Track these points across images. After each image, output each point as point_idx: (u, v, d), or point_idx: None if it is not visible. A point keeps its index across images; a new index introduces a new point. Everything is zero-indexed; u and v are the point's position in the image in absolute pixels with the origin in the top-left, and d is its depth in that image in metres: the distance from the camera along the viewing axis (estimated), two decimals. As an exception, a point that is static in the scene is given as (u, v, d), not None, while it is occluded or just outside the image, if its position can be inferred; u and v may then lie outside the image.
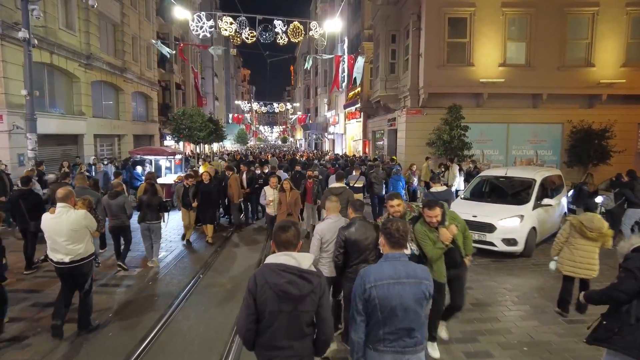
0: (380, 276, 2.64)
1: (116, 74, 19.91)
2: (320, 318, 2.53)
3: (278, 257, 2.51)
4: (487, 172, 10.07)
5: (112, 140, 20.56)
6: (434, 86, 15.86)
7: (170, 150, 13.52)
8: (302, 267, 2.47)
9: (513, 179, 9.06)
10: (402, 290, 2.60)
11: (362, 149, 27.08)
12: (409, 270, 2.67)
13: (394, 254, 2.74)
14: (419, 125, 16.62)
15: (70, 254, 4.79)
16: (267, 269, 2.48)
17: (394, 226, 2.75)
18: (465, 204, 8.53)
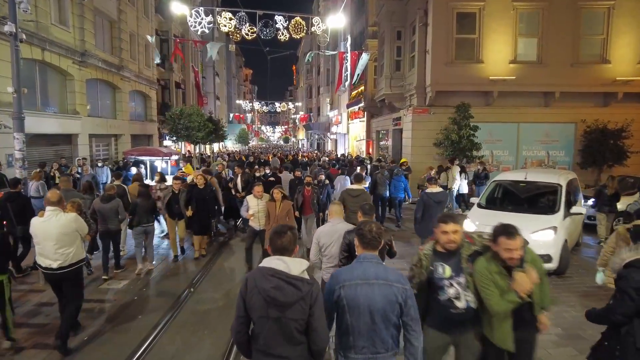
0: (349, 276, 2.59)
1: (113, 72, 19.34)
2: (312, 328, 2.42)
3: (270, 261, 2.48)
4: (502, 175, 8.96)
5: (108, 140, 19.99)
6: (442, 84, 15.21)
7: (165, 151, 12.93)
8: (291, 272, 2.41)
9: (535, 184, 8.00)
10: (370, 292, 2.52)
11: (366, 149, 26.44)
12: (379, 271, 2.60)
13: (366, 255, 2.68)
14: (425, 125, 15.97)
15: (59, 259, 4.62)
16: (259, 272, 2.46)
17: (367, 227, 2.73)
18: (485, 214, 7.44)
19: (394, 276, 2.61)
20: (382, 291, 2.53)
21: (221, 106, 55.06)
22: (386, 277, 2.58)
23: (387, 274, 2.61)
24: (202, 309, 5.84)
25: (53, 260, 4.62)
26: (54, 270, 4.65)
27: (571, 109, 15.62)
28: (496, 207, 7.92)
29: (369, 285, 2.54)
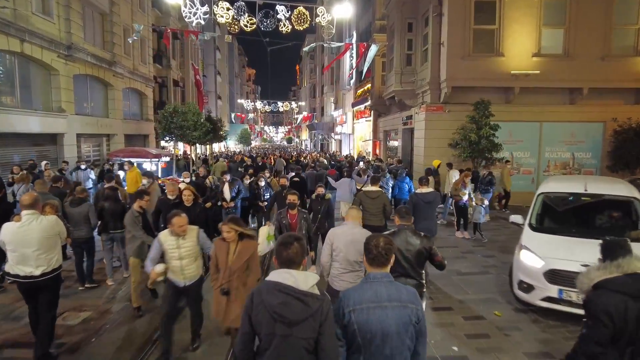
0: (360, 299, 2.42)
1: (104, 68, 18.15)
2: (321, 347, 2.26)
3: (277, 274, 2.32)
4: (549, 185, 7.06)
5: (99, 140, 18.80)
6: (458, 79, 13.89)
7: (155, 152, 11.72)
8: (300, 287, 2.25)
9: (602, 197, 6.22)
10: (384, 315, 2.36)
11: (372, 150, 25.13)
12: (392, 292, 2.43)
13: (375, 275, 2.50)
14: (440, 124, 14.66)
15: (42, 265, 4.39)
16: (265, 286, 2.31)
17: (374, 241, 2.55)
18: (549, 242, 5.67)
19: (407, 296, 2.46)
20: (396, 314, 2.37)
21: (223, 106, 53.91)
22: (399, 298, 2.42)
23: (400, 294, 2.44)
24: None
25: (35, 267, 4.36)
26: (35, 277, 4.37)
27: (600, 107, 14.26)
28: (557, 230, 6.08)
29: (381, 309, 2.37)
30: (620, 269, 2.58)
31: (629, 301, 2.46)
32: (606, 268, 2.62)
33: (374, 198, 6.84)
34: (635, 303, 2.46)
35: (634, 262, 2.60)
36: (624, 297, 2.47)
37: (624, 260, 2.61)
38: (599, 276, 2.62)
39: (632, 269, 2.57)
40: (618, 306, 2.46)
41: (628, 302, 2.46)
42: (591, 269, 2.71)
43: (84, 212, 6.50)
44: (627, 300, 2.46)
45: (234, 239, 4.12)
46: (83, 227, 6.53)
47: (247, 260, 4.12)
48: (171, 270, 4.34)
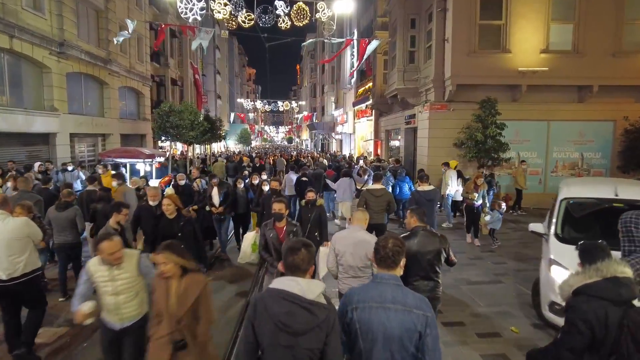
0: (364, 297, 2.36)
1: (99, 66, 17.69)
2: (327, 358, 2.18)
3: (283, 282, 2.24)
4: (572, 189, 6.16)
5: (94, 140, 18.34)
6: (463, 76, 13.41)
7: (148, 152, 11.25)
8: (306, 296, 2.16)
9: (636, 204, 5.10)
10: (385, 317, 2.28)
11: (374, 149, 24.65)
12: (398, 295, 2.33)
13: (383, 275, 2.42)
14: (444, 123, 14.18)
15: (9, 268, 4.19)
16: (269, 294, 2.22)
17: (382, 242, 2.46)
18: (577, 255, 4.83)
19: (414, 301, 2.33)
20: (399, 317, 2.26)
21: (223, 105, 53.46)
22: (404, 301, 2.30)
23: (405, 298, 2.33)
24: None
25: (3, 270, 4.20)
26: (3, 282, 4.20)
27: (610, 105, 13.77)
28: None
29: (384, 310, 2.29)
30: (600, 273, 2.43)
31: (610, 307, 2.32)
32: (585, 273, 2.48)
33: (378, 196, 6.86)
34: (617, 308, 2.32)
35: (613, 266, 2.43)
36: (604, 302, 2.34)
37: (603, 264, 2.45)
38: (578, 281, 2.49)
39: (611, 273, 2.41)
40: (598, 313, 2.33)
41: (609, 308, 2.32)
42: (571, 275, 2.58)
43: (70, 216, 6.13)
44: (607, 306, 2.32)
45: (174, 274, 2.99)
46: (69, 232, 6.16)
47: (193, 304, 2.98)
48: (104, 309, 3.35)
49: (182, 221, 5.11)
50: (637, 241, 2.95)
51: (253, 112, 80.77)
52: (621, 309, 2.32)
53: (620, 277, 2.40)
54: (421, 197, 6.87)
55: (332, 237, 4.24)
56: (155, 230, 5.10)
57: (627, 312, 2.30)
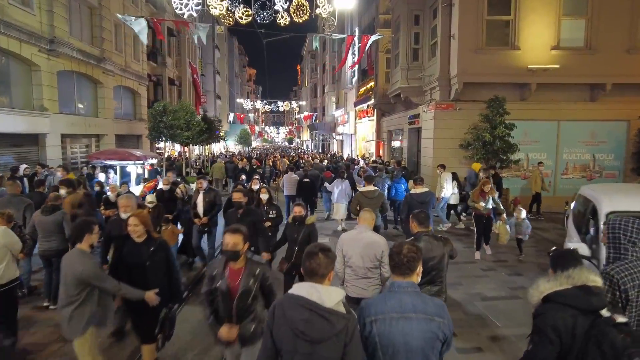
0: (382, 309, 2.27)
1: (92, 65, 17.11)
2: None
3: (302, 288, 2.20)
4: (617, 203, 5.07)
5: (88, 141, 17.76)
6: (470, 74, 12.82)
7: (138, 154, 10.66)
8: (324, 304, 2.11)
9: None
10: (408, 327, 2.21)
11: (375, 151, 24.07)
12: (418, 303, 2.27)
13: (400, 283, 2.35)
14: (450, 123, 13.59)
15: None
16: (287, 300, 2.19)
17: (396, 248, 2.41)
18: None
19: (434, 308, 2.28)
20: (421, 327, 2.21)
21: (222, 106, 52.91)
22: (425, 309, 2.25)
23: (426, 305, 2.27)
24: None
25: None
26: None
27: (624, 104, 13.17)
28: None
29: (406, 320, 2.22)
30: (571, 280, 2.33)
31: (579, 316, 2.25)
32: (557, 279, 2.37)
33: (371, 198, 6.91)
34: (585, 318, 2.24)
35: (584, 273, 2.34)
36: (573, 311, 2.26)
37: (575, 271, 2.35)
38: (548, 288, 2.38)
39: (582, 281, 2.32)
40: (567, 321, 2.26)
41: (577, 317, 2.25)
42: (541, 281, 2.47)
43: (57, 220, 5.74)
44: (576, 315, 2.25)
45: None
46: (55, 237, 5.75)
47: None
48: None
49: (153, 246, 3.85)
50: (622, 249, 2.78)
51: (254, 113, 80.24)
52: (590, 318, 2.23)
53: (591, 285, 2.30)
54: (414, 199, 6.86)
55: (339, 239, 4.13)
56: (119, 257, 3.91)
57: (596, 321, 2.21)
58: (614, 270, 2.65)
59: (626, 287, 2.59)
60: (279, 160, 23.93)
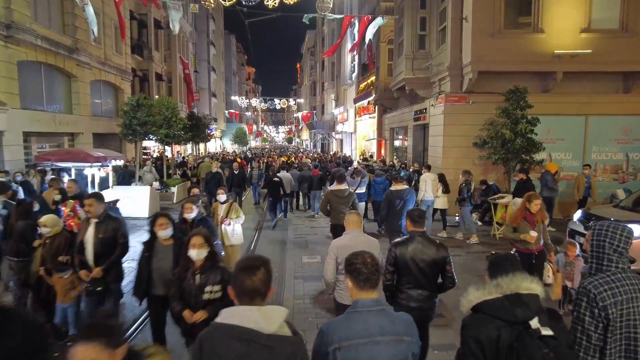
0: (347, 334, 2.04)
1: (63, 55, 15.44)
2: None
3: (234, 313, 1.80)
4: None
5: (59, 140, 16.08)
6: (486, 62, 11.13)
7: (97, 155, 8.99)
8: (264, 330, 1.74)
9: None
10: (376, 353, 2.03)
11: (377, 150, 22.35)
12: (385, 324, 2.09)
13: (365, 302, 2.13)
14: (462, 118, 11.90)
15: None
16: (218, 331, 1.80)
17: (360, 259, 2.20)
18: None
19: (402, 327, 2.14)
20: (390, 351, 2.06)
21: (218, 104, 51.24)
22: (394, 330, 2.10)
23: (394, 325, 2.11)
24: None
25: None
26: None
27: (663, 96, 11.49)
28: None
29: (374, 345, 2.04)
30: (500, 289, 2.12)
31: (504, 328, 2.02)
32: (485, 288, 2.16)
33: (341, 197, 6.86)
34: (510, 330, 2.01)
35: (515, 281, 2.11)
36: (498, 322, 2.04)
37: (505, 279, 2.13)
38: (477, 297, 2.16)
39: (512, 289, 2.10)
40: (490, 333, 2.05)
41: (502, 329, 2.02)
42: (470, 289, 2.22)
43: None
44: (501, 327, 2.03)
45: None
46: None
47: None
48: None
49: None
50: (606, 259, 2.37)
51: (253, 112, 78.50)
52: (516, 329, 2.01)
53: (523, 294, 2.09)
54: (394, 196, 6.78)
55: (333, 246, 3.91)
56: None
57: (521, 334, 1.99)
58: (591, 283, 2.31)
59: (605, 304, 2.22)
60: (276, 160, 22.46)
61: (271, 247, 9.23)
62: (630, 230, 2.36)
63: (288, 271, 7.45)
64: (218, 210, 6.09)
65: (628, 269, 2.32)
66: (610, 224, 2.42)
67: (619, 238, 2.33)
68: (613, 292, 2.23)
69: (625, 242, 2.33)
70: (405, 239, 3.69)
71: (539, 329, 1.99)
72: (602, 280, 2.29)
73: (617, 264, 2.32)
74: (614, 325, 2.21)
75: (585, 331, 2.22)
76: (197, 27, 42.86)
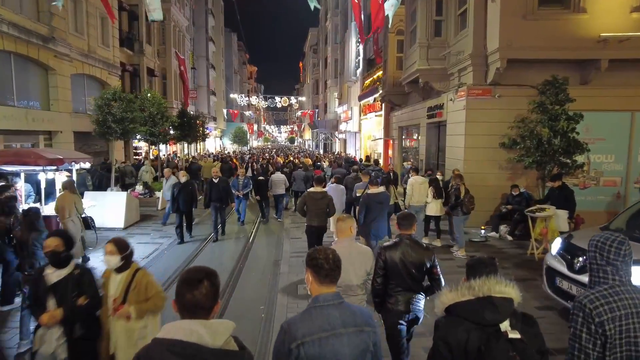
0: (310, 329, 1.99)
1: (37, 45, 13.88)
2: None
3: (176, 329, 1.61)
4: None
5: (33, 139, 14.51)
6: (517, 48, 9.47)
7: (50, 157, 7.42)
8: (210, 345, 1.58)
9: None
10: (339, 346, 1.99)
11: (384, 151, 20.70)
12: (346, 316, 2.06)
13: (325, 297, 2.08)
14: (487, 114, 10.25)
15: None
16: (157, 347, 1.60)
17: (322, 255, 2.14)
18: None
19: (362, 317, 2.11)
20: (352, 341, 2.03)
21: (218, 102, 49.70)
22: (355, 321, 2.07)
23: (354, 317, 2.09)
24: None
25: None
26: None
27: None
28: None
29: (336, 337, 2.00)
30: (472, 291, 2.04)
31: (473, 331, 1.96)
32: (458, 290, 2.11)
33: (318, 199, 6.83)
34: (480, 333, 1.94)
35: (488, 284, 2.03)
36: (468, 325, 1.98)
37: (478, 282, 2.05)
38: (450, 299, 2.11)
39: (484, 292, 2.01)
40: (459, 336, 1.99)
41: (471, 332, 1.96)
42: (444, 291, 2.19)
43: None
44: (470, 330, 1.97)
45: None
46: None
47: None
48: None
49: None
50: (601, 272, 2.22)
51: (255, 112, 76.91)
52: (485, 332, 1.94)
53: (496, 297, 1.99)
54: (370, 199, 6.67)
55: None
56: None
57: (490, 337, 1.92)
58: (587, 298, 2.13)
59: (602, 320, 2.05)
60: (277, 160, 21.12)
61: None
62: (622, 240, 2.17)
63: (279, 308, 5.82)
64: (108, 284, 3.40)
65: (628, 282, 2.17)
66: (602, 235, 2.24)
67: (608, 249, 2.18)
68: (610, 306, 2.07)
69: (615, 253, 2.16)
70: (394, 242, 3.65)
71: (507, 332, 1.92)
72: (599, 294, 2.14)
73: (614, 276, 2.16)
74: (613, 343, 2.05)
75: (582, 349, 2.07)
76: (195, 23, 41.37)
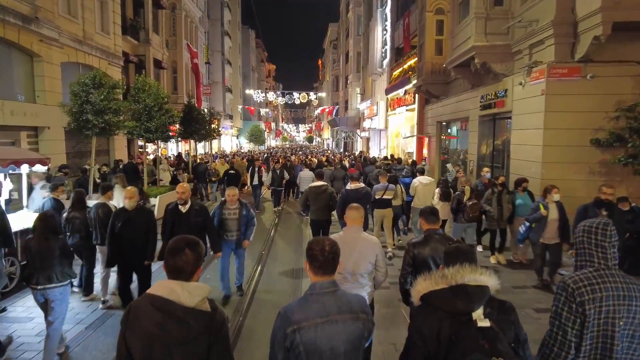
0: (306, 315, 2.03)
1: (18, 26, 11.89)
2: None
3: (162, 287, 1.86)
4: None
5: (15, 136, 12.54)
6: (626, 9, 6.86)
7: (17, 156, 5.35)
8: (183, 303, 1.80)
9: None
10: (334, 331, 2.01)
11: (417, 150, 18.12)
12: (342, 303, 2.08)
13: (321, 284, 2.10)
14: (573, 102, 7.66)
15: None
16: (144, 301, 1.87)
17: (319, 246, 2.14)
18: None
19: (358, 304, 2.13)
20: (347, 328, 2.04)
21: (234, 100, 47.78)
22: (350, 308, 2.08)
23: (350, 303, 2.10)
24: None
25: None
26: None
27: None
28: None
29: (331, 324, 2.02)
30: (445, 280, 2.00)
31: (445, 320, 1.94)
32: (431, 278, 2.05)
33: (320, 193, 6.88)
34: (452, 322, 1.92)
35: (462, 272, 1.97)
36: (441, 313, 1.96)
37: (451, 270, 2.00)
38: (425, 288, 2.07)
39: (457, 280, 1.97)
40: (432, 325, 1.96)
41: (444, 321, 1.94)
42: (419, 280, 2.14)
43: None
44: (442, 319, 1.95)
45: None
46: None
47: None
48: None
49: None
50: (587, 254, 2.24)
51: (272, 110, 74.99)
52: (456, 321, 1.91)
53: (470, 285, 1.94)
54: (349, 195, 6.51)
55: None
56: None
57: (461, 326, 1.89)
58: (571, 278, 2.16)
59: (582, 300, 2.08)
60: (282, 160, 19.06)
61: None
62: (606, 222, 2.22)
63: None
64: None
65: (613, 267, 2.18)
66: (588, 220, 2.30)
67: (595, 231, 2.21)
68: (592, 288, 2.11)
69: (602, 234, 2.19)
70: (423, 239, 3.56)
71: (476, 321, 1.89)
72: (583, 276, 2.17)
73: (600, 260, 2.18)
74: (591, 322, 2.10)
75: (561, 326, 2.12)
76: (210, 15, 39.49)
